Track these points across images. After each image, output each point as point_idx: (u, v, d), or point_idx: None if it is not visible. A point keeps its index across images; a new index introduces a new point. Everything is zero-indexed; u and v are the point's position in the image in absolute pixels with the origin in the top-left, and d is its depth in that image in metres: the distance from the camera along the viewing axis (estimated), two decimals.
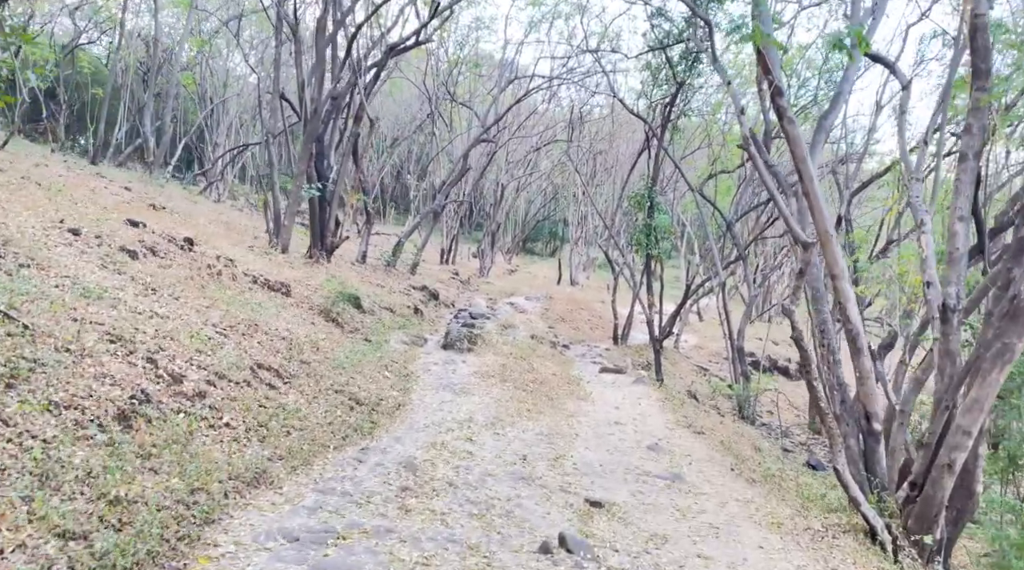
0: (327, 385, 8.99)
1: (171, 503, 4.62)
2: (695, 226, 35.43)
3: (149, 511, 4.32)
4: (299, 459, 6.66)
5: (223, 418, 6.60)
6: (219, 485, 5.33)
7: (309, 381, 8.82)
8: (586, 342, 24.19)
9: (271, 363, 8.54)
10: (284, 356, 9.07)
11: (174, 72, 25.66)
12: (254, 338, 9.02)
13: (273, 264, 14.27)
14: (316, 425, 7.62)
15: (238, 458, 5.99)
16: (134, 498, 4.36)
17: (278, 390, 8.04)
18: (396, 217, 48.63)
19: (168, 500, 4.63)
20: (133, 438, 5.19)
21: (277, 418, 7.23)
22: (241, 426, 6.67)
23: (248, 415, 6.93)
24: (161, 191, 23.31)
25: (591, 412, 12.48)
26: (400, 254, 23.29)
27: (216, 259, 11.57)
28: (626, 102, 22.28)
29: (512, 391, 12.48)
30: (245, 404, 7.09)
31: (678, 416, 13.50)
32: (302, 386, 8.56)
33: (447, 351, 14.82)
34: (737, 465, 10.32)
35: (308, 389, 8.58)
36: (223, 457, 5.85)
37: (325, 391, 8.78)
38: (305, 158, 15.16)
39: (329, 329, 12.36)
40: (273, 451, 6.53)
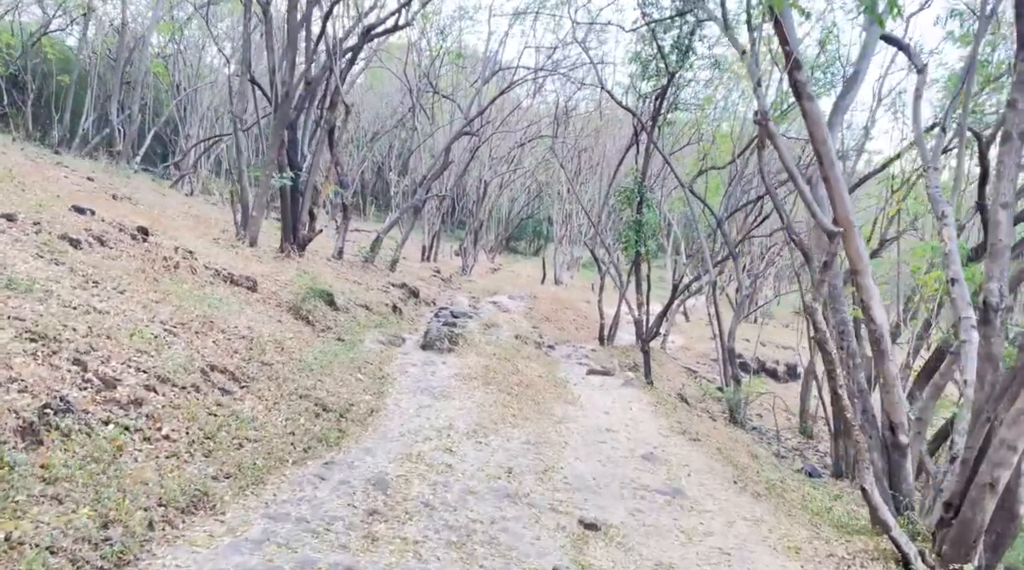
0: (290, 389, 8.07)
1: (72, 543, 3.70)
2: (681, 225, 34.75)
3: (36, 556, 3.40)
4: (250, 477, 5.75)
5: (162, 429, 5.69)
6: (143, 514, 4.42)
7: (270, 385, 7.90)
8: (571, 342, 23.41)
9: (226, 365, 7.61)
10: (243, 357, 8.14)
11: (143, 60, 24.53)
12: (208, 337, 8.08)
13: (239, 257, 13.29)
14: (274, 436, 6.71)
15: (174, 478, 5.08)
16: (20, 539, 3.44)
17: (232, 395, 7.12)
18: (376, 214, 47.56)
19: (68, 538, 3.70)
20: (38, 458, 4.26)
21: (228, 428, 6.31)
22: (183, 438, 5.76)
23: (193, 425, 6.01)
24: (127, 182, 22.22)
25: (580, 417, 11.65)
26: (379, 250, 22.34)
27: (174, 251, 10.60)
28: (614, 95, 21.46)
29: (496, 395, 11.62)
30: (190, 412, 6.17)
31: (671, 421, 12.70)
32: (261, 390, 7.65)
33: (426, 351, 13.93)
34: (739, 476, 9.52)
35: (268, 394, 7.67)
36: (155, 477, 4.94)
37: (287, 396, 7.86)
38: (276, 146, 14.19)
39: (298, 327, 11.43)
40: (219, 468, 5.62)
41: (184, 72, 31.24)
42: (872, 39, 7.88)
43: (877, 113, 21.49)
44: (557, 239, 42.67)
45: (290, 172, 14.71)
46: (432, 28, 27.16)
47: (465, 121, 23.81)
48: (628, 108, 20.73)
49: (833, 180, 6.71)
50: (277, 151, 14.31)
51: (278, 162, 14.62)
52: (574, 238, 46.45)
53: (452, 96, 27.10)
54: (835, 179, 6.72)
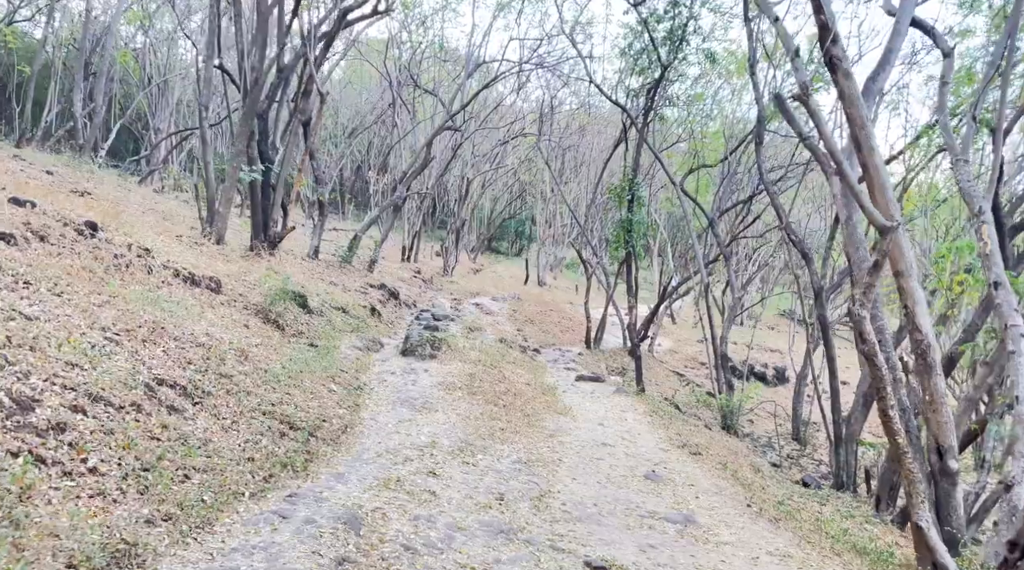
0: (252, 405, 7.09)
1: None
2: (668, 225, 34.02)
3: None
4: (194, 518, 4.78)
5: (87, 461, 4.71)
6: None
7: (228, 400, 6.92)
8: (557, 346, 22.61)
9: (176, 378, 6.62)
10: (197, 368, 7.15)
11: (108, 49, 23.32)
12: (158, 345, 7.08)
13: (203, 256, 12.26)
14: (229, 463, 5.73)
15: (95, 526, 4.11)
16: None
17: (182, 414, 6.14)
18: (355, 213, 46.42)
19: None
20: None
21: (172, 456, 5.34)
22: (114, 472, 4.78)
23: (128, 454, 5.04)
24: (91, 177, 21.07)
25: (573, 430, 10.76)
26: (357, 250, 21.32)
27: (126, 248, 9.56)
28: (603, 89, 20.62)
29: (482, 406, 10.71)
30: (127, 438, 5.20)
31: (670, 433, 11.86)
32: (218, 407, 6.66)
33: (407, 358, 12.97)
34: (751, 498, 8.68)
35: (226, 411, 6.69)
36: (70, 527, 3.97)
37: (248, 413, 6.88)
38: (244, 136, 13.15)
39: (266, 333, 10.44)
40: (156, 508, 4.65)
41: (155, 64, 29.99)
42: (905, 14, 7.06)
43: (877, 110, 20.74)
44: (540, 240, 41.85)
45: (260, 165, 13.69)
46: (413, 20, 26.21)
47: (448, 116, 22.85)
48: (618, 103, 19.90)
49: (873, 168, 5.88)
50: (246, 142, 13.27)
51: (248, 154, 13.60)
52: (557, 239, 45.65)
53: (434, 91, 26.14)
54: (875, 167, 5.88)
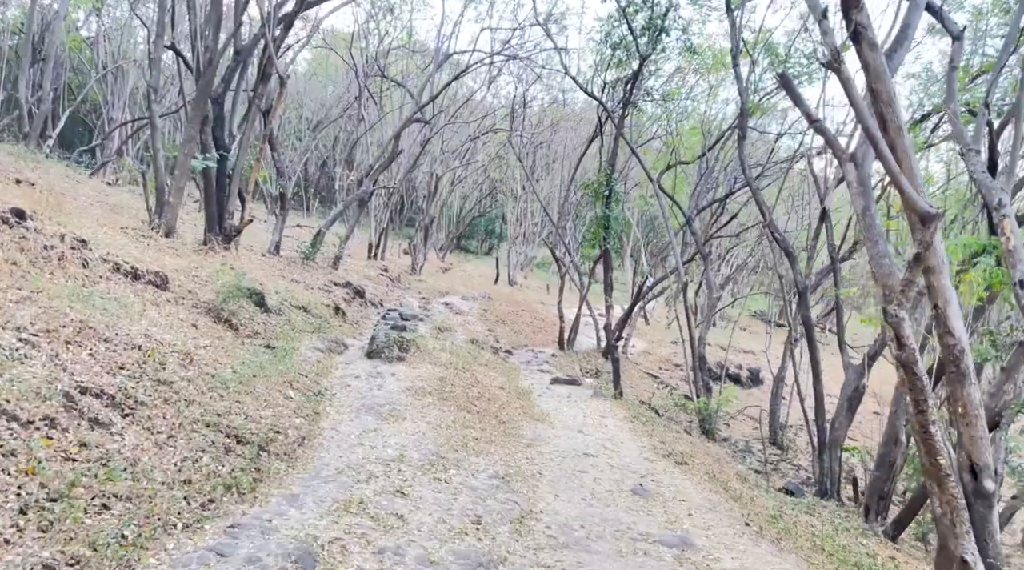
0: (194, 416, 6.21)
1: None
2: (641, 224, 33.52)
3: None
4: (110, 561, 3.91)
5: None
6: None
7: (166, 411, 6.03)
8: (529, 347, 21.90)
9: (104, 385, 5.71)
10: (130, 374, 6.24)
11: (57, 34, 22.00)
12: (84, 348, 6.16)
13: (150, 249, 11.26)
14: (160, 487, 4.86)
15: None
16: None
17: (107, 429, 5.25)
18: (320, 209, 45.24)
19: None
20: None
21: (89, 481, 4.46)
22: (12, 503, 3.91)
23: (33, 481, 4.16)
24: (36, 166, 19.81)
25: (552, 438, 10.02)
26: (320, 246, 20.34)
27: (59, 239, 8.58)
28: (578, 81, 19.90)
29: (454, 413, 9.90)
30: (33, 460, 4.32)
31: (653, 441, 11.17)
32: (153, 419, 5.77)
33: (373, 360, 12.09)
34: (747, 514, 8.00)
35: (162, 423, 5.80)
36: None
37: (189, 425, 6.00)
38: (197, 120, 12.15)
39: (217, 333, 9.51)
40: (61, 550, 3.78)
41: (109, 51, 28.61)
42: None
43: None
44: (511, 238, 41.10)
45: (215, 152, 12.70)
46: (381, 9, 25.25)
47: (417, 108, 21.97)
48: (594, 96, 19.22)
49: (902, 150, 5.21)
50: (199, 127, 12.27)
51: (201, 141, 12.61)
52: (528, 238, 44.94)
53: (402, 82, 25.23)
54: (904, 149, 5.22)
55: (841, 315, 16.96)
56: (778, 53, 16.26)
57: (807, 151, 17.10)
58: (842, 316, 16.90)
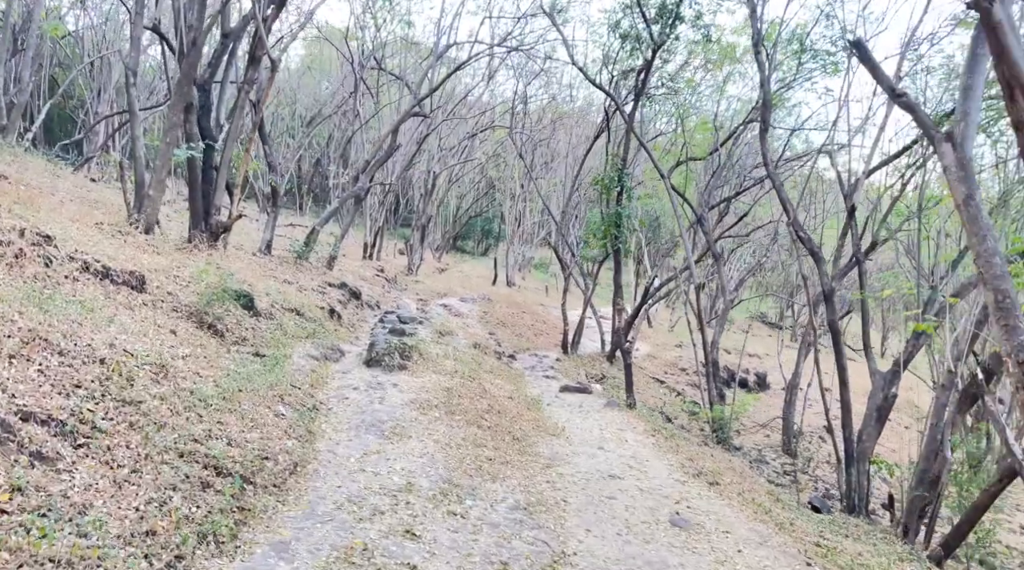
0: (166, 443, 5.18)
1: None
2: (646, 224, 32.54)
3: None
4: None
5: None
6: None
7: (131, 438, 5.00)
8: (532, 351, 20.97)
9: (52, 409, 4.69)
10: (89, 393, 5.21)
11: (35, 21, 20.90)
12: (32, 363, 5.12)
13: (126, 247, 10.20)
14: (115, 544, 3.85)
15: None
16: None
17: (54, 465, 4.23)
18: (313, 208, 44.10)
19: None
20: None
21: (19, 542, 3.45)
22: None
23: None
24: (13, 161, 18.73)
25: (571, 457, 9.04)
26: (314, 245, 19.30)
27: (18, 234, 7.53)
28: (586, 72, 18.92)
29: (463, 428, 8.92)
30: None
31: (680, 458, 10.20)
32: (113, 450, 4.76)
33: (372, 369, 11.07)
34: (802, 549, 7.04)
35: (124, 455, 4.78)
36: None
37: (159, 456, 4.98)
38: (180, 106, 11.09)
39: (199, 340, 8.48)
40: None
41: (93, 41, 27.48)
42: None
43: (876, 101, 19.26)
44: (509, 238, 40.08)
45: (201, 143, 11.67)
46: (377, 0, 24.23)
47: (415, 101, 20.97)
48: (603, 88, 18.26)
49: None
50: (183, 114, 11.22)
51: (185, 129, 11.57)
52: (527, 237, 43.93)
53: (400, 75, 24.23)
54: None
55: (867, 319, 16.03)
56: (803, 41, 15.32)
57: (828, 146, 16.15)
58: (868, 320, 15.98)
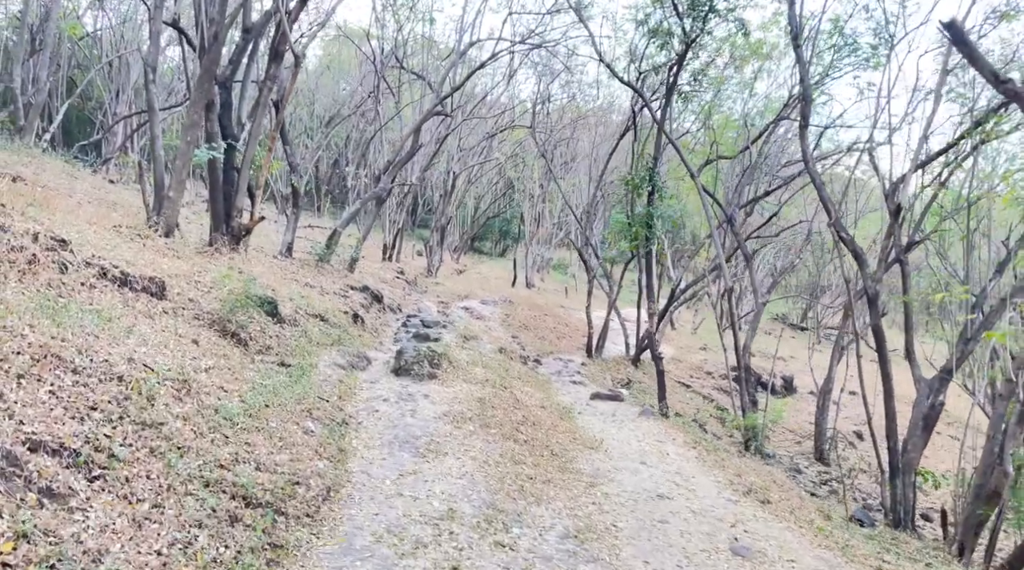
0: (190, 470, 4.70)
1: None
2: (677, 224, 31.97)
3: None
4: None
5: None
6: None
7: (152, 466, 4.52)
8: (555, 354, 20.44)
9: (64, 437, 4.21)
10: (106, 417, 4.73)
11: (53, 20, 20.60)
12: (44, 383, 4.65)
13: (145, 251, 9.76)
14: None
15: None
16: None
17: (66, 503, 3.75)
18: (331, 210, 43.78)
19: None
20: None
21: None
22: None
23: None
24: (30, 162, 18.43)
25: (613, 474, 8.50)
26: (335, 247, 18.86)
27: (32, 238, 7.10)
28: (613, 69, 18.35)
29: (500, 443, 8.40)
30: None
31: (728, 475, 9.63)
32: (132, 482, 4.27)
33: (401, 378, 10.57)
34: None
35: (144, 487, 4.29)
36: None
37: (182, 486, 4.50)
38: (201, 104, 10.65)
39: (223, 351, 8.01)
40: None
41: (112, 42, 27.22)
42: None
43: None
44: (528, 239, 39.53)
45: (222, 142, 11.23)
46: None
47: (437, 99, 20.48)
48: (631, 85, 17.67)
49: None
50: (203, 112, 10.77)
51: (206, 129, 11.13)
52: (547, 238, 43.40)
53: (422, 74, 23.75)
54: None
55: (911, 324, 15.35)
56: (844, 33, 14.68)
57: (869, 144, 15.47)
58: (912, 325, 15.30)
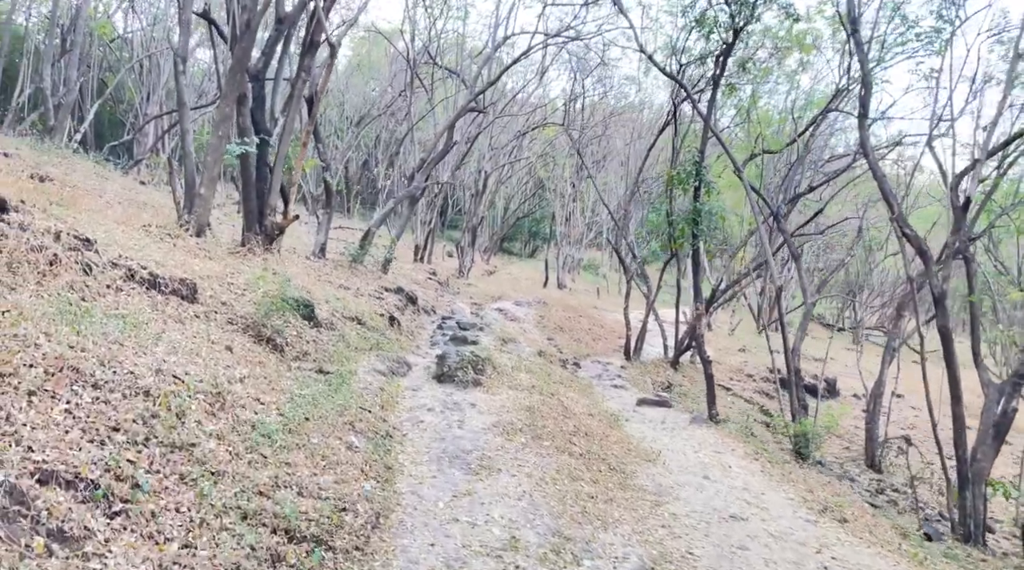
0: (225, 500, 4.09)
1: None
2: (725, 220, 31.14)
3: None
4: None
5: None
6: None
7: (181, 497, 3.92)
8: (593, 357, 19.76)
9: (82, 465, 3.62)
10: (130, 438, 4.14)
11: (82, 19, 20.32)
12: (59, 399, 4.06)
13: (176, 251, 9.23)
14: None
15: None
16: None
17: (81, 548, 3.15)
18: (361, 212, 43.40)
19: None
20: None
21: None
22: None
23: None
24: (60, 162, 18.14)
25: (677, 490, 7.80)
26: (369, 248, 18.34)
27: (53, 237, 6.57)
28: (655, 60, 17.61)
29: (555, 457, 7.74)
30: None
31: (799, 489, 8.89)
32: (159, 517, 3.66)
33: (444, 385, 9.93)
34: None
35: (173, 523, 3.69)
36: None
37: (216, 519, 3.88)
38: (232, 96, 10.12)
39: (258, 357, 7.44)
40: None
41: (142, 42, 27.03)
42: None
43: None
44: (559, 239, 38.83)
45: (255, 137, 10.70)
46: None
47: (471, 95, 19.90)
48: (673, 76, 16.94)
49: None
50: (235, 105, 10.26)
51: (238, 123, 10.62)
52: (578, 237, 42.65)
53: (456, 70, 23.19)
54: None
55: (977, 325, 14.42)
56: (904, 16, 13.81)
57: (933, 134, 14.57)
58: (978, 326, 14.38)
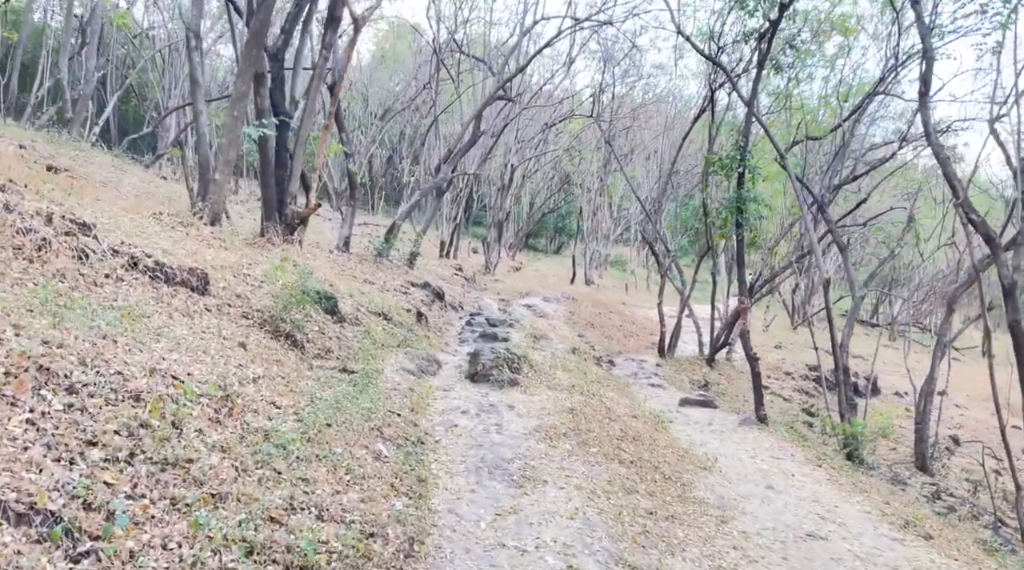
0: (228, 530, 3.31)
1: None
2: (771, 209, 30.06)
3: None
4: None
5: None
6: None
7: (171, 528, 3.14)
8: (626, 354, 18.94)
9: (39, 492, 2.85)
10: (110, 454, 3.37)
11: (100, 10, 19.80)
12: (20, 409, 3.31)
13: (187, 240, 8.52)
14: None
15: None
16: None
17: None
18: (385, 208, 42.81)
19: None
20: None
21: None
22: None
23: None
24: (77, 155, 17.63)
25: (741, 503, 6.93)
26: (394, 241, 17.61)
27: (44, 220, 5.86)
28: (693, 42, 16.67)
29: (604, 465, 6.91)
30: None
31: (874, 501, 7.99)
32: (139, 557, 2.90)
33: (478, 385, 9.13)
34: None
35: (158, 564, 2.92)
36: None
37: (214, 557, 3.11)
38: (248, 73, 9.38)
39: (276, 356, 6.68)
40: None
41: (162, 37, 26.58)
42: None
43: None
44: (587, 235, 37.91)
45: (274, 119, 9.97)
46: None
47: (499, 83, 19.11)
48: (712, 58, 15.99)
49: None
50: (252, 84, 9.52)
51: (256, 105, 9.90)
52: (606, 233, 41.68)
53: (484, 58, 22.41)
54: None
55: None
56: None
57: (998, 115, 13.51)
58: None
